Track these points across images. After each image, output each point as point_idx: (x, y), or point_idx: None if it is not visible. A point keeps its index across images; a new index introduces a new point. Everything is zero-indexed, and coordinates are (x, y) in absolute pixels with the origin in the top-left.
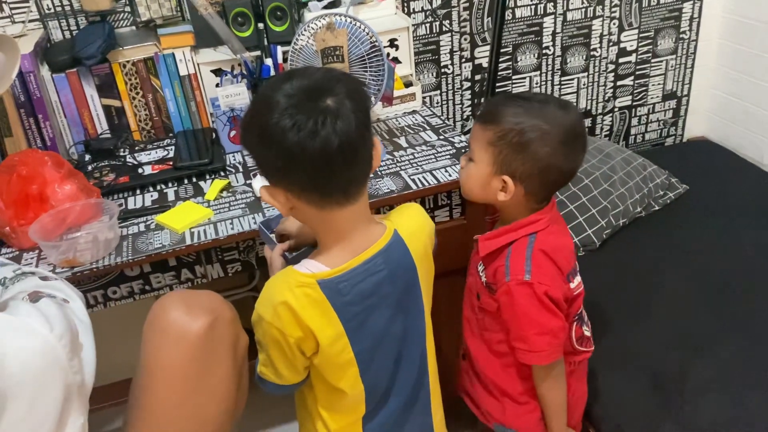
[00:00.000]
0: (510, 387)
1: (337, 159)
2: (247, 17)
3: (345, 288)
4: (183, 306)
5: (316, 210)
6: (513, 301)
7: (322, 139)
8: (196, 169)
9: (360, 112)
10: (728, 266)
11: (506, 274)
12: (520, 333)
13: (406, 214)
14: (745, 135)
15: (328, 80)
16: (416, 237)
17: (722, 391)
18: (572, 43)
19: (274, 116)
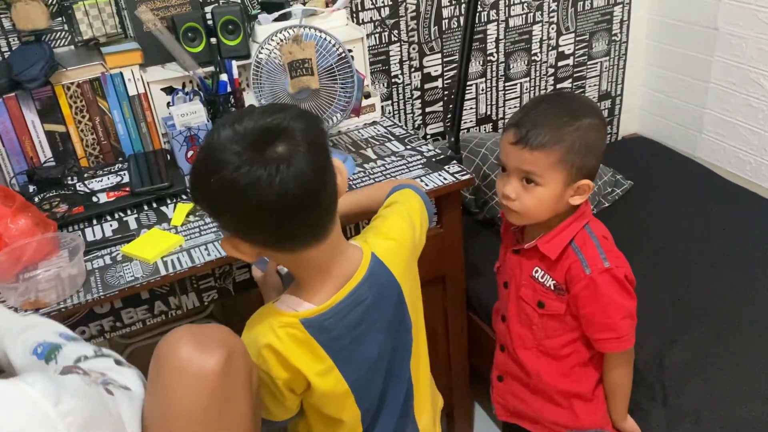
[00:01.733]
0: (578, 387)
1: (296, 208)
2: (198, 32)
3: (330, 324)
4: (194, 341)
5: (286, 254)
6: (598, 291)
7: (278, 190)
8: (156, 193)
9: (316, 153)
10: (683, 255)
11: (585, 267)
12: (607, 321)
13: (380, 231)
14: (677, 130)
15: (274, 120)
16: (394, 254)
17: (699, 376)
18: (514, 49)
19: (225, 176)
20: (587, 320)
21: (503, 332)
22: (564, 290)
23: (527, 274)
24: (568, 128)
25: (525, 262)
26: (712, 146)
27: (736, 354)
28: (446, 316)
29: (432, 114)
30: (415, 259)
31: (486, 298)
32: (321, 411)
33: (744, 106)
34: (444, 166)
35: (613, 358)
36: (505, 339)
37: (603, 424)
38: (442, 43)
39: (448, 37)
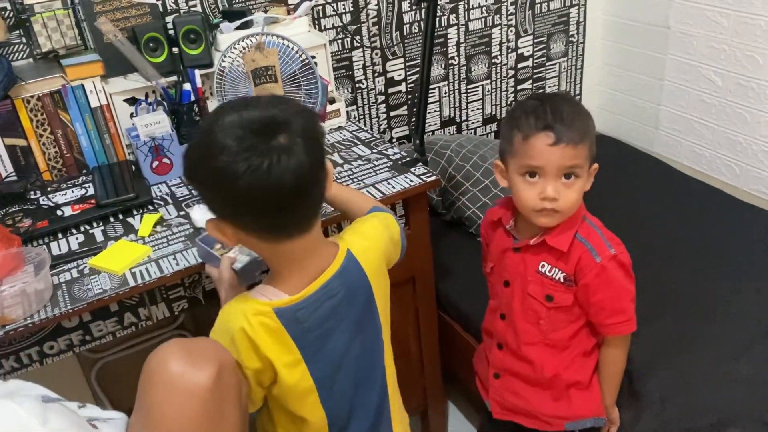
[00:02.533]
0: (578, 376)
1: (289, 198)
2: (160, 42)
3: (303, 315)
4: (184, 356)
5: (267, 243)
6: (609, 277)
7: (275, 180)
8: (122, 205)
9: (313, 149)
10: (645, 248)
11: (595, 256)
12: (619, 306)
13: (359, 231)
14: (634, 127)
15: (280, 113)
16: (369, 254)
17: (663, 365)
18: (475, 52)
19: (223, 159)
20: (599, 307)
21: (503, 330)
22: (573, 282)
23: (533, 270)
24: (588, 120)
25: (529, 258)
26: (668, 142)
27: (700, 343)
28: (417, 316)
29: (397, 118)
30: (385, 267)
31: (456, 297)
32: (285, 407)
33: (697, 101)
34: (410, 169)
35: (617, 342)
36: (505, 337)
37: (599, 412)
38: (404, 48)
39: (409, 41)
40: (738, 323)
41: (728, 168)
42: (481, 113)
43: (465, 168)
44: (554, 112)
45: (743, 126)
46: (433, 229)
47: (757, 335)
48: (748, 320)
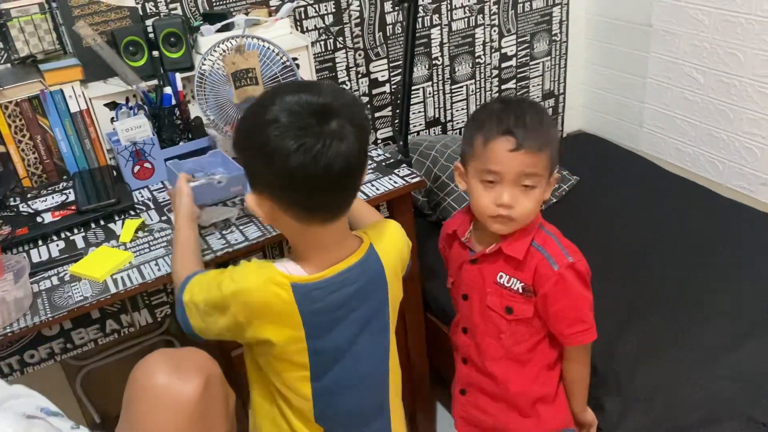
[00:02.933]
0: (543, 389)
1: (336, 183)
2: (140, 45)
3: (318, 295)
4: (171, 367)
5: (299, 225)
6: (568, 286)
7: (325, 162)
8: (103, 210)
9: (362, 138)
10: (630, 246)
11: (552, 264)
12: (579, 314)
13: (382, 229)
14: (618, 125)
15: (335, 101)
16: (390, 255)
17: (650, 362)
18: (459, 52)
19: (276, 134)
20: (559, 317)
21: (466, 344)
22: (532, 292)
23: (491, 281)
24: (551, 129)
25: (486, 269)
26: (652, 139)
27: (686, 338)
28: (404, 318)
29: (381, 119)
30: (401, 272)
31: (443, 298)
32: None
33: (680, 99)
34: (394, 170)
35: (577, 351)
36: (468, 351)
37: (566, 423)
38: (387, 49)
39: (392, 42)
40: (724, 319)
41: (711, 164)
42: (466, 113)
43: (450, 169)
44: (517, 117)
45: (726, 123)
46: (419, 231)
47: (743, 330)
48: (733, 316)
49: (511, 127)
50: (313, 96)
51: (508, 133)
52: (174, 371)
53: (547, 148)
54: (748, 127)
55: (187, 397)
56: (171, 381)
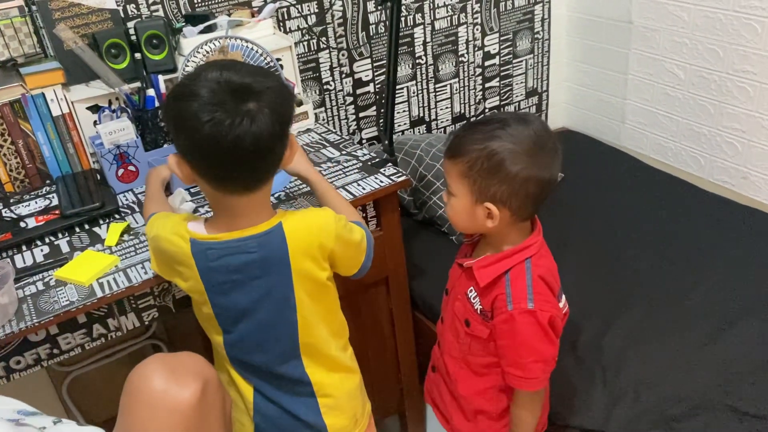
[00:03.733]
0: (488, 406)
1: (242, 159)
2: (122, 48)
3: (212, 254)
4: (167, 373)
5: (213, 191)
6: (515, 329)
7: (233, 138)
8: (87, 214)
9: (277, 122)
10: (614, 240)
11: (508, 302)
12: (517, 360)
13: (304, 214)
14: (601, 121)
15: (257, 84)
16: (300, 235)
17: (635, 355)
18: (442, 51)
19: (193, 105)
20: (501, 352)
21: (440, 332)
22: (489, 318)
23: (463, 291)
24: (475, 146)
25: (464, 278)
26: (635, 135)
27: (670, 331)
28: (392, 317)
29: (366, 119)
30: (322, 257)
31: (430, 296)
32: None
33: (662, 95)
34: (380, 169)
35: (521, 394)
36: (440, 338)
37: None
38: (371, 48)
39: (376, 42)
40: (706, 311)
41: (693, 159)
42: (450, 112)
43: (435, 167)
44: (465, 128)
45: (706, 118)
46: (406, 229)
47: (725, 322)
48: (716, 308)
49: (459, 128)
50: (236, 75)
51: (452, 132)
52: (171, 376)
53: (461, 161)
54: (729, 121)
55: (185, 402)
56: (169, 386)
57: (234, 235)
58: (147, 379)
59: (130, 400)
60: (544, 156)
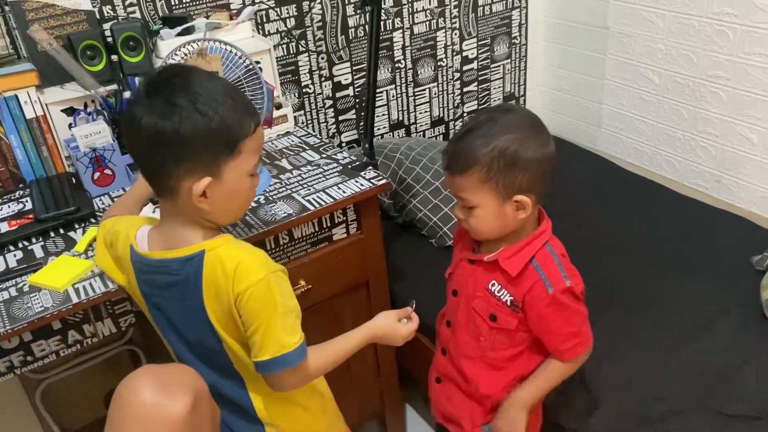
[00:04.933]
0: (500, 393)
1: (144, 154)
2: (98, 50)
3: (141, 268)
4: (158, 385)
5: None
6: (562, 308)
7: (136, 131)
8: (62, 219)
9: (190, 125)
10: (593, 245)
11: (548, 287)
12: (573, 330)
13: (233, 251)
14: (578, 125)
15: (189, 85)
16: (216, 276)
17: (614, 357)
18: (421, 55)
19: (132, 99)
20: (554, 334)
21: (447, 337)
22: (520, 308)
23: (483, 286)
24: (483, 150)
25: (481, 274)
26: (611, 139)
27: (648, 333)
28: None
29: (345, 122)
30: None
31: (410, 299)
32: None
33: (637, 99)
34: (360, 173)
35: (578, 361)
36: (448, 344)
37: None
38: (350, 52)
39: (355, 45)
40: (683, 313)
41: (668, 163)
42: (429, 116)
43: (415, 170)
44: (464, 133)
45: (681, 122)
46: (386, 233)
47: (698, 324)
48: (691, 310)
49: (446, 148)
50: (169, 75)
51: (443, 152)
52: (161, 389)
53: (474, 170)
54: (702, 126)
55: (176, 415)
56: (159, 399)
57: (162, 254)
58: (138, 392)
59: (119, 413)
60: (542, 132)
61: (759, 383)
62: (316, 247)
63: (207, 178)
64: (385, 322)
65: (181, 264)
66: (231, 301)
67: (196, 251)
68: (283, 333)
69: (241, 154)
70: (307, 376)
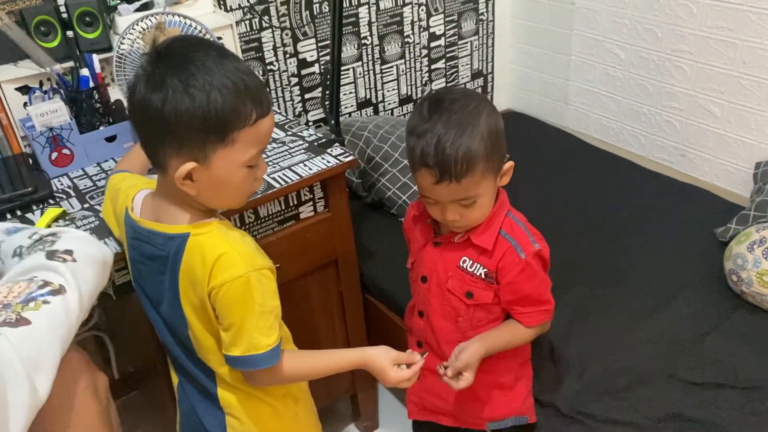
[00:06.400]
0: (499, 377)
1: (138, 123)
2: (52, 25)
3: (130, 233)
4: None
5: None
6: (534, 272)
7: (136, 99)
8: (19, 200)
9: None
10: (559, 219)
11: (520, 252)
12: (543, 297)
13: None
14: (545, 102)
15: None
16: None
17: (581, 330)
18: (388, 32)
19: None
20: (522, 301)
21: (422, 328)
22: (494, 279)
23: (453, 265)
24: (475, 144)
25: (449, 253)
26: (578, 116)
27: (613, 306)
28: (342, 299)
29: (312, 100)
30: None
31: (380, 279)
32: None
33: (603, 75)
34: (326, 150)
35: (542, 326)
36: (424, 334)
37: (520, 411)
38: (315, 28)
39: (320, 21)
40: (646, 286)
41: (634, 138)
42: (397, 93)
43: (383, 149)
44: (437, 144)
45: (646, 97)
46: (355, 212)
47: (663, 296)
48: (656, 282)
49: (430, 161)
50: (178, 48)
51: (425, 165)
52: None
53: (477, 165)
54: (667, 100)
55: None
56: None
57: (150, 225)
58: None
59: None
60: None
61: (723, 351)
62: (283, 226)
63: (191, 163)
64: (380, 357)
65: (165, 240)
66: (205, 293)
67: (181, 232)
68: (257, 333)
69: (235, 144)
70: (280, 379)
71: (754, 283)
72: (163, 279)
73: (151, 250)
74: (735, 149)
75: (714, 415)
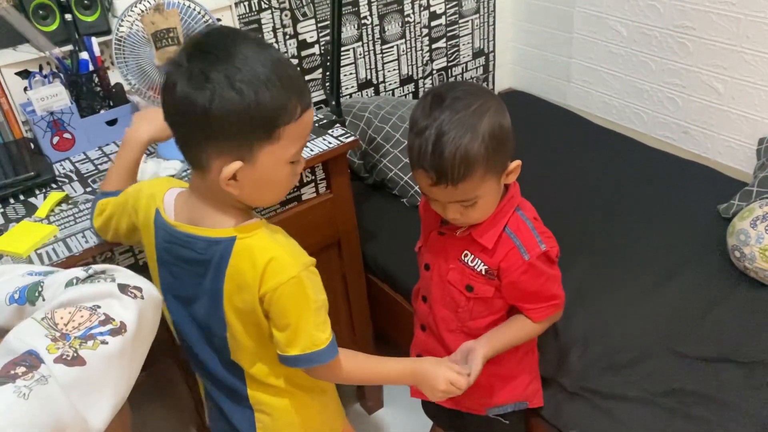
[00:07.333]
0: (500, 367)
1: (176, 120)
2: (50, 9)
3: (165, 236)
4: None
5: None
6: (538, 272)
7: (172, 95)
8: (21, 185)
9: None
10: (562, 197)
11: (524, 254)
12: (551, 293)
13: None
14: (547, 81)
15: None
16: (243, 268)
17: (583, 307)
18: (388, 11)
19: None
20: (529, 299)
21: (425, 313)
22: (495, 276)
23: (455, 257)
24: (475, 146)
25: (453, 245)
26: (580, 94)
27: (616, 283)
28: (345, 281)
29: (312, 81)
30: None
31: (383, 259)
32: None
33: (606, 53)
34: (328, 131)
35: (552, 318)
36: (427, 319)
37: (521, 398)
38: (314, 9)
39: (320, 1)
40: (649, 263)
41: (636, 116)
42: (398, 74)
43: (384, 129)
44: (435, 146)
45: (648, 74)
46: (357, 194)
47: (666, 273)
48: (658, 259)
49: (427, 164)
50: (215, 40)
51: (422, 168)
52: None
53: (476, 169)
54: (669, 77)
55: None
56: None
57: (188, 228)
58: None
59: None
60: (489, 90)
61: (725, 327)
62: (285, 207)
63: (237, 162)
64: (431, 362)
65: (208, 244)
66: (256, 297)
67: (227, 236)
68: (315, 330)
69: (281, 140)
70: (338, 376)
71: (756, 259)
72: (203, 282)
73: (190, 254)
74: (738, 125)
75: (715, 389)
